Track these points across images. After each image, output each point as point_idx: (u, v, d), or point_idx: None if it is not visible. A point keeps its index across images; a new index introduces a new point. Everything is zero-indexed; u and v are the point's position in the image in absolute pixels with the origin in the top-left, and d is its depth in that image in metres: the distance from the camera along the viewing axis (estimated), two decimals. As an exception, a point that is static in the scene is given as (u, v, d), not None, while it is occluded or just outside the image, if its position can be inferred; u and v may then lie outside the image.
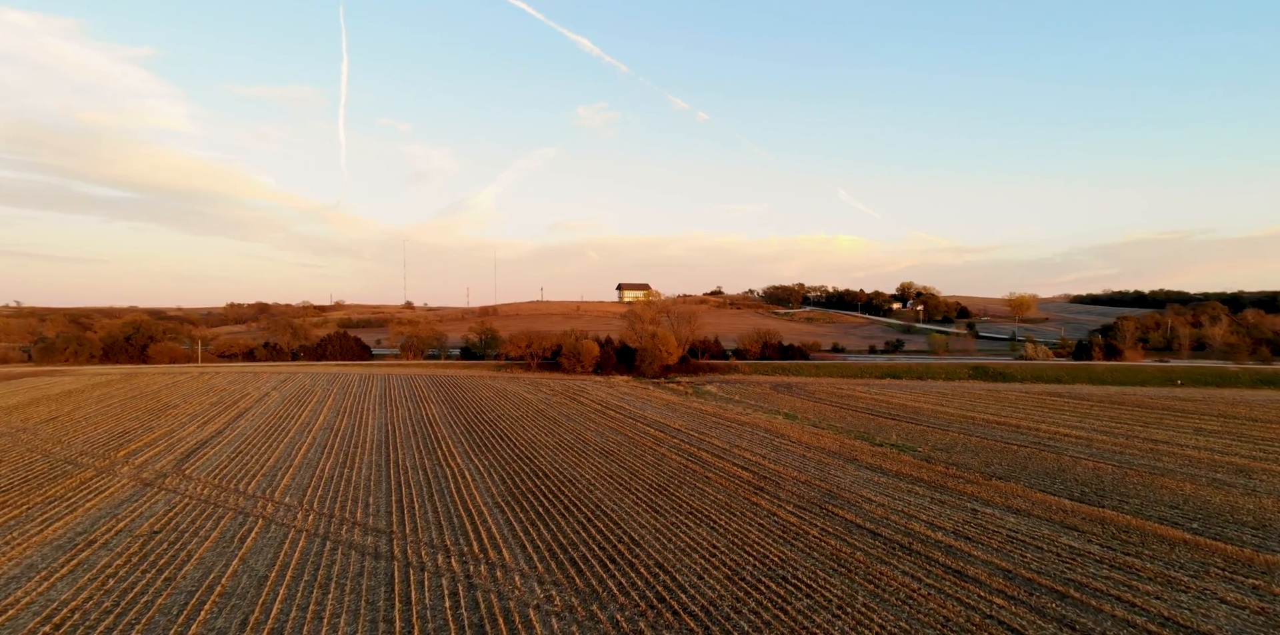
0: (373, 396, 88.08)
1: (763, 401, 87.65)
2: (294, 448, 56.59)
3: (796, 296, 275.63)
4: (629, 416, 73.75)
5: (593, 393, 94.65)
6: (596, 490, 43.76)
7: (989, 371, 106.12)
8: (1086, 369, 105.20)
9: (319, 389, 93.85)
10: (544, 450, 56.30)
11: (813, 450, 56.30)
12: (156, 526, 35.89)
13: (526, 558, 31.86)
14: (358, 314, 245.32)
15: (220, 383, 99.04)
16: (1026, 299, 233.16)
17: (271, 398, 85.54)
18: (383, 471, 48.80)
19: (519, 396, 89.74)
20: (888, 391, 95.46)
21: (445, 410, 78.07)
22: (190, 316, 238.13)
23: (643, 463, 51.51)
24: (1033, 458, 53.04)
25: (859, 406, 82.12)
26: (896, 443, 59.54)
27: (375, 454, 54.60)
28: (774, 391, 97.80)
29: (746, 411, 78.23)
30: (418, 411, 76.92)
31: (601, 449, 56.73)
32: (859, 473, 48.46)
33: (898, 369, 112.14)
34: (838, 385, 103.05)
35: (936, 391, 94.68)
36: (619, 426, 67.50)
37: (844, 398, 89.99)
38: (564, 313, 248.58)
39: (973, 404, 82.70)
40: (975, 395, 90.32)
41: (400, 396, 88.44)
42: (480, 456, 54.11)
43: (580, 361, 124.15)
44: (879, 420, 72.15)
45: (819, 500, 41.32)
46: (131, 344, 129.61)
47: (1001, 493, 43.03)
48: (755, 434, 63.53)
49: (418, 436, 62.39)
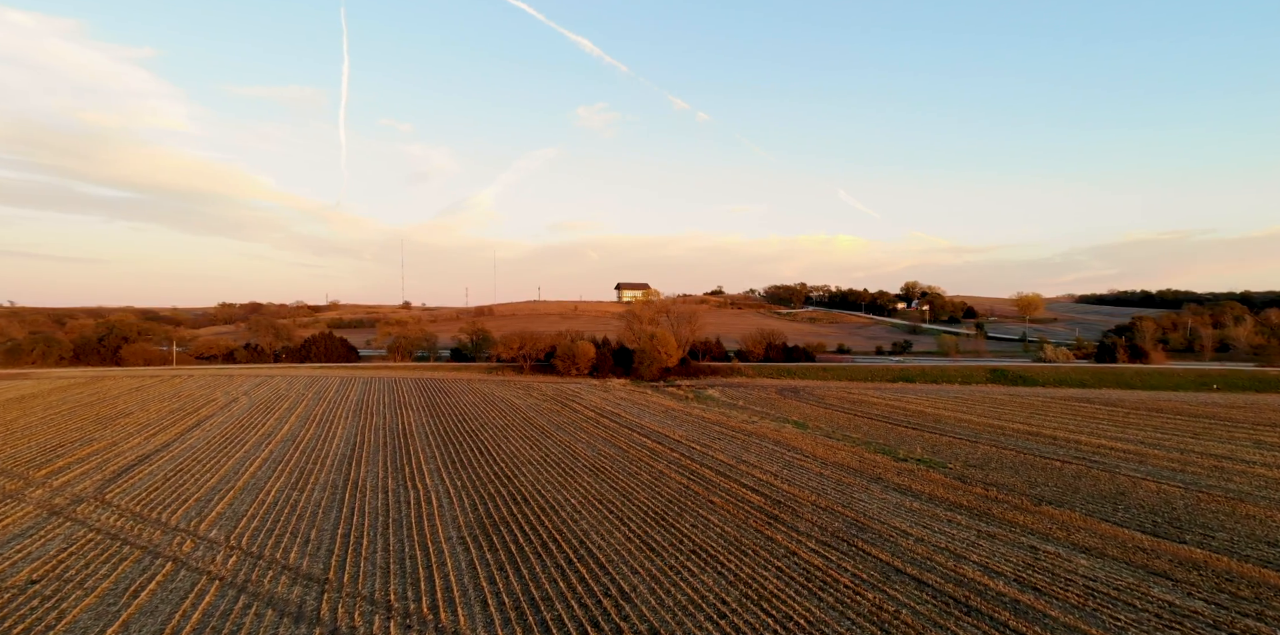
0: (349, 402, 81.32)
1: (769, 408, 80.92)
2: (244, 464, 49.82)
3: (799, 296, 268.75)
4: (624, 425, 67.03)
5: (586, 398, 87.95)
6: (583, 519, 37.03)
7: (1008, 375, 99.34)
8: (1113, 372, 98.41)
9: (293, 394, 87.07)
10: (527, 467, 49.56)
11: (830, 467, 49.55)
12: (38, 573, 29.10)
13: (487, 620, 25.09)
14: (351, 314, 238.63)
15: (189, 387, 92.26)
16: (1034, 299, 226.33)
17: (239, 404, 78.78)
18: (338, 494, 42.05)
19: (507, 402, 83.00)
20: (902, 396, 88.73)
21: (424, 418, 71.31)
22: (179, 316, 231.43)
23: (638, 483, 44.78)
24: (1082, 477, 46.27)
25: (874, 414, 75.38)
26: (923, 458, 52.80)
27: (334, 472, 47.84)
28: (780, 396, 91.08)
29: (752, 419, 71.52)
30: (394, 419, 70.15)
31: (592, 465, 50.00)
32: (887, 496, 41.73)
33: (910, 372, 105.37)
34: (848, 389, 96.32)
35: (954, 397, 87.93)
36: (613, 437, 60.78)
37: (856, 404, 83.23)
38: (561, 313, 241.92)
39: (997, 411, 75.95)
40: (997, 401, 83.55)
41: (379, 402, 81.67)
42: (454, 474, 47.36)
43: (575, 364, 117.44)
44: (898, 430, 65.42)
45: (845, 533, 34.58)
46: (104, 345, 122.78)
47: (1060, 523, 36.27)
48: (763, 446, 56.78)
49: (388, 449, 55.65)
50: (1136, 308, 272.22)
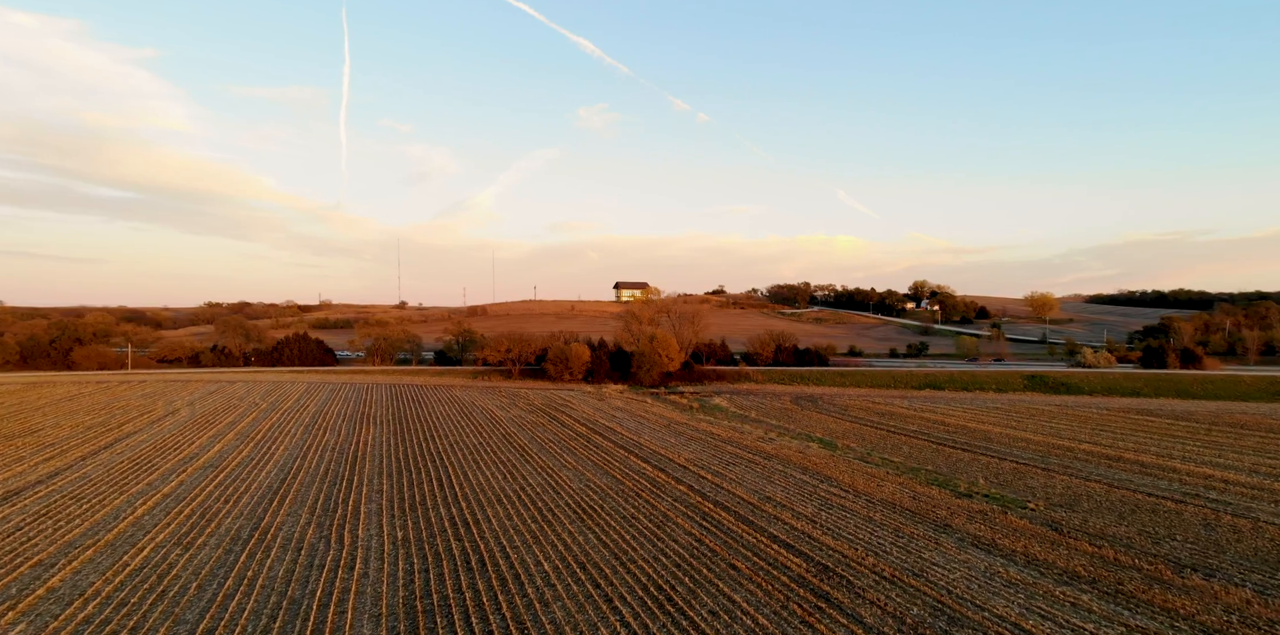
0: (305, 414, 70.35)
1: (786, 420, 70.02)
2: (135, 503, 38.88)
3: (803, 296, 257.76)
4: (620, 445, 56.11)
5: (578, 408, 77.03)
6: (558, 600, 26.10)
7: (1048, 381, 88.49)
8: (1169, 379, 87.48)
9: (245, 404, 76.08)
10: (495, 507, 38.66)
11: (878, 507, 38.67)
12: None
13: None
14: (340, 314, 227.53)
15: (131, 396, 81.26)
16: (1049, 299, 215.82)
17: (178, 416, 67.83)
18: (233, 554, 31.10)
19: (487, 415, 72.03)
20: (934, 407, 77.85)
21: (386, 436, 60.36)
22: (159, 316, 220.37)
23: (635, 533, 33.87)
24: (1215, 526, 35.37)
25: (908, 429, 64.51)
26: (990, 492, 41.93)
27: (245, 515, 36.88)
28: (796, 406, 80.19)
29: (769, 436, 60.65)
30: (350, 437, 59.20)
31: (577, 503, 39.11)
32: (967, 555, 30.83)
33: (937, 378, 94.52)
34: (870, 398, 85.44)
35: (994, 407, 77.03)
36: (606, 461, 49.87)
37: (885, 416, 72.33)
38: (558, 313, 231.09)
39: (1052, 426, 65.08)
40: (1046, 413, 72.67)
41: (339, 415, 70.70)
42: (399, 519, 36.43)
43: (568, 368, 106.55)
44: (944, 451, 54.56)
45: (931, 628, 23.71)
46: (55, 348, 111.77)
47: (1241, 614, 25.36)
48: (789, 475, 45.88)
49: (327, 480, 44.70)
50: (1150, 308, 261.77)
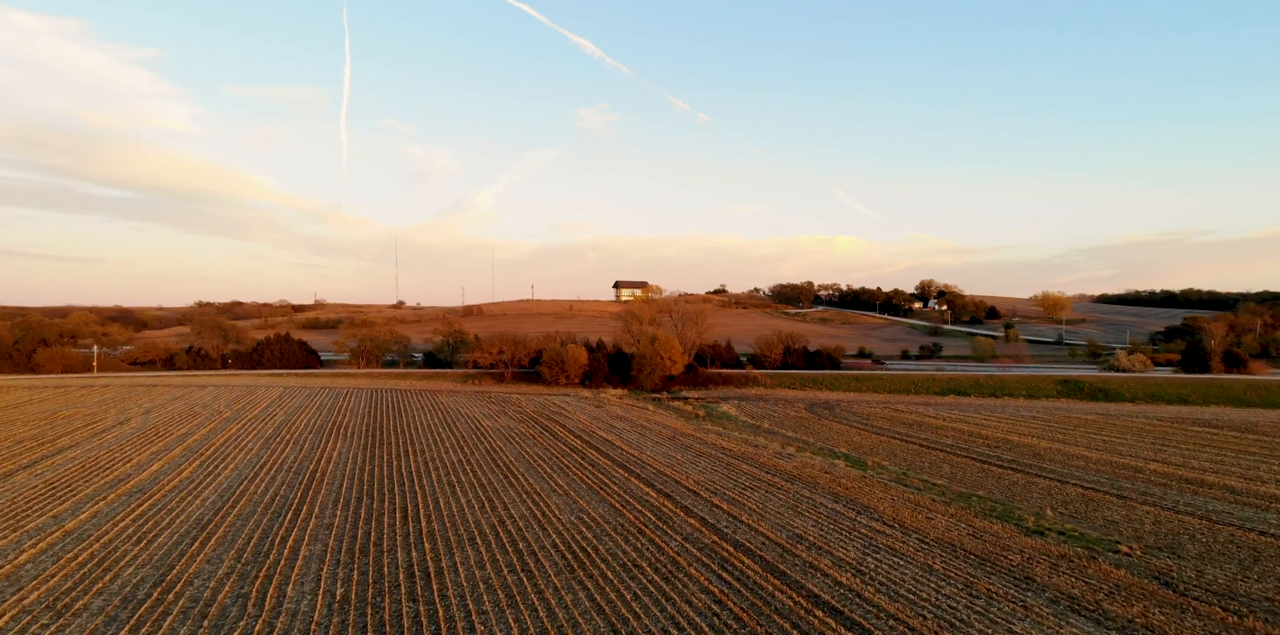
0: (270, 425, 62.94)
1: (803, 432, 62.64)
2: (26, 543, 31.40)
3: (807, 295, 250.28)
4: (619, 462, 48.72)
5: (574, 416, 69.66)
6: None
7: (1083, 387, 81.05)
8: (1217, 385, 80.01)
9: (207, 412, 68.68)
10: (467, 549, 31.26)
11: (934, 548, 31.28)
12: None
13: None
14: (331, 314, 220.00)
15: (86, 402, 73.86)
16: (1061, 299, 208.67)
17: (126, 427, 60.44)
18: (113, 626, 23.70)
19: (473, 425, 64.64)
20: (963, 415, 70.49)
21: (354, 451, 52.94)
22: (145, 315, 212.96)
23: (638, 590, 26.47)
24: (1367, 579, 28.03)
25: (943, 443, 57.14)
26: (1065, 528, 34.52)
27: (154, 563, 29.42)
28: (812, 414, 72.80)
29: (787, 450, 53.27)
30: (313, 454, 51.78)
31: (568, 545, 31.73)
32: (1071, 631, 23.46)
33: (961, 383, 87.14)
34: (891, 405, 78.07)
35: (1031, 416, 69.65)
36: (603, 484, 42.49)
37: (913, 427, 64.96)
38: (555, 312, 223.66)
39: (1105, 440, 57.70)
40: (1090, 423, 65.31)
41: (307, 426, 63.28)
42: (345, 570, 29.01)
43: (564, 371, 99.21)
44: (992, 470, 47.19)
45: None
46: (18, 350, 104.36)
47: None
48: (819, 503, 38.49)
49: (271, 511, 37.29)
50: (1161, 308, 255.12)
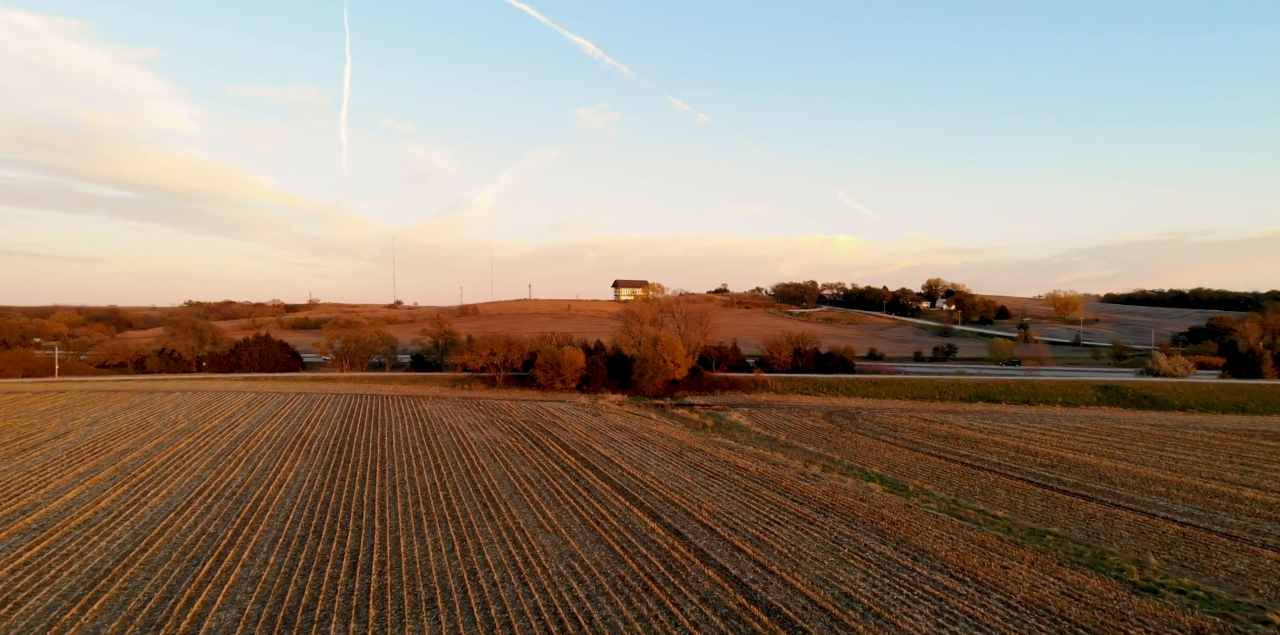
0: (228, 437, 55.59)
1: (826, 446, 55.33)
2: None
3: (811, 295, 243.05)
4: (619, 486, 41.40)
5: (569, 426, 62.35)
6: None
7: (1126, 393, 73.76)
8: (1277, 392, 72.76)
9: (162, 423, 61.36)
10: (423, 617, 23.88)
11: (1025, 617, 23.90)
12: None
13: None
14: (324, 313, 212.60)
15: (32, 410, 66.51)
16: (1073, 298, 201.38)
17: (63, 441, 53.08)
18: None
19: (455, 437, 57.31)
20: (1001, 426, 63.19)
21: (314, 472, 45.59)
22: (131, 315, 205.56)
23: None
24: None
25: (987, 460, 49.81)
26: (1182, 584, 27.16)
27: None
28: (832, 425, 65.51)
29: (811, 470, 45.96)
30: (265, 474, 44.44)
31: (554, 609, 24.39)
32: None
33: (990, 389, 79.82)
34: (917, 414, 70.78)
35: (1076, 427, 62.37)
36: (600, 517, 35.16)
37: (948, 440, 57.64)
38: (553, 312, 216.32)
39: (1174, 458, 50.38)
40: (1148, 436, 58.03)
41: (269, 438, 55.93)
42: (256, 647, 21.71)
43: (560, 374, 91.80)
44: (1056, 497, 39.87)
45: None
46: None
47: None
48: (863, 545, 31.15)
49: (189, 557, 29.93)
50: (1171, 308, 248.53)
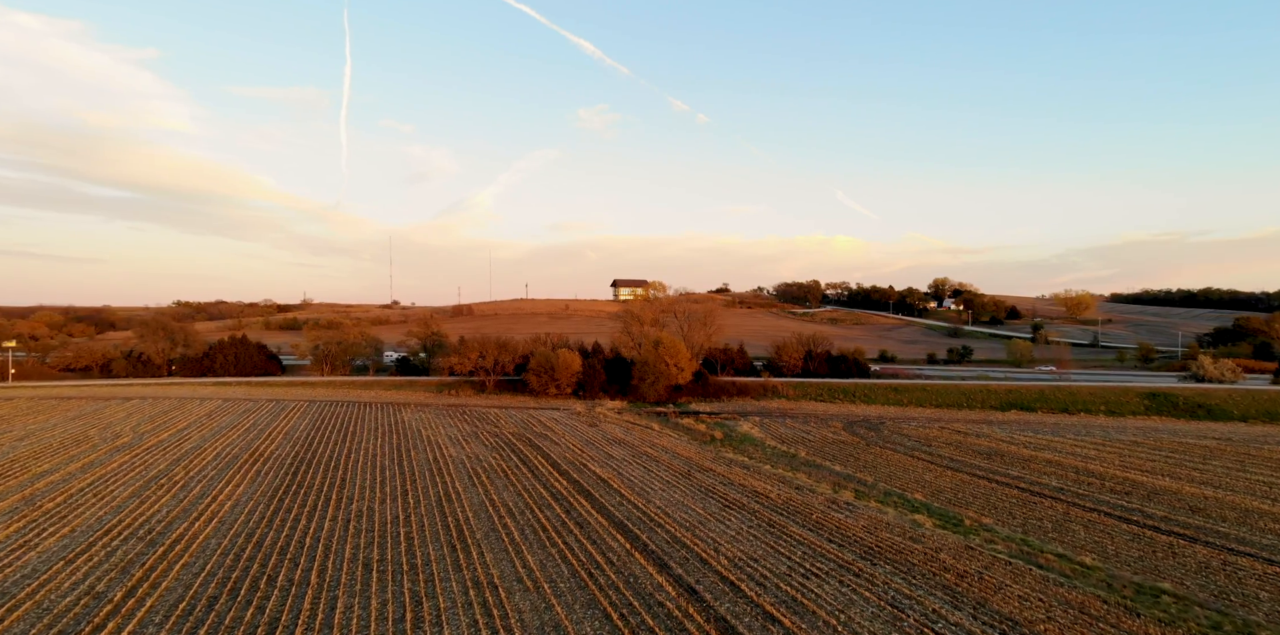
0: (171, 455, 48.21)
1: (853, 463, 48.02)
2: None
3: (814, 295, 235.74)
4: (618, 520, 34.11)
5: (562, 439, 55.06)
6: None
7: (1176, 402, 66.57)
8: (1343, 400, 65.82)
9: (103, 436, 53.97)
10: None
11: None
12: None
13: None
14: (312, 314, 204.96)
15: (-40, 422, 59.17)
16: (1085, 298, 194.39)
17: (-23, 461, 45.77)
18: None
19: (432, 454, 49.95)
20: (1045, 438, 55.93)
21: (257, 499, 38.23)
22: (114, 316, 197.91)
23: None
24: None
25: (1045, 484, 42.50)
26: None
27: None
28: (855, 437, 58.23)
29: (843, 496, 38.70)
30: (196, 504, 37.09)
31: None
32: None
33: (1023, 395, 72.57)
34: (947, 424, 63.51)
35: (1132, 441, 55.09)
36: (594, 569, 27.83)
37: (991, 456, 50.32)
38: (550, 312, 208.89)
39: (1267, 482, 43.16)
40: (1219, 453, 50.76)
41: (220, 455, 48.54)
42: None
43: (555, 379, 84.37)
44: (1150, 537, 32.61)
45: None
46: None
47: None
48: (929, 608, 23.83)
49: (56, 631, 22.67)
50: (1180, 307, 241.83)
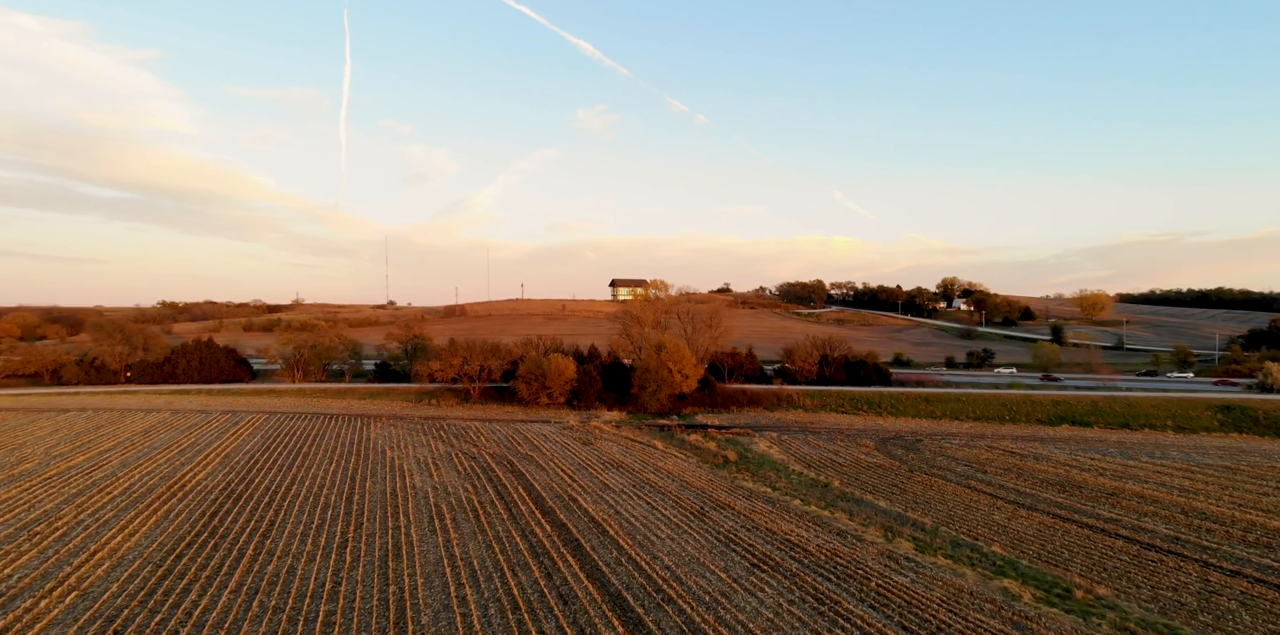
0: (81, 482, 39.21)
1: (900, 496, 39.10)
2: None
3: (819, 295, 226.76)
4: (615, 593, 25.23)
5: (550, 463, 46.08)
6: None
7: (1255, 417, 57.81)
8: None
9: (5, 460, 44.98)
10: None
11: None
12: None
13: None
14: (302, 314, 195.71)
15: None
16: (1101, 298, 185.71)
17: None
18: None
19: (396, 479, 40.94)
20: (1119, 463, 47.04)
21: (147, 557, 29.24)
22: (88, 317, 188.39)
23: None
24: None
25: (1155, 533, 33.63)
26: None
27: None
28: (890, 459, 49.28)
29: (899, 546, 29.87)
30: (63, 566, 28.12)
31: None
32: None
33: (1073, 407, 63.69)
34: (994, 442, 54.55)
35: (1225, 466, 46.18)
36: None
37: (1065, 488, 41.36)
38: (546, 313, 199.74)
39: None
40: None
41: (134, 486, 39.50)
42: None
43: (546, 387, 75.38)
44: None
45: None
46: None
47: None
48: None
49: None
50: (1194, 308, 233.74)
